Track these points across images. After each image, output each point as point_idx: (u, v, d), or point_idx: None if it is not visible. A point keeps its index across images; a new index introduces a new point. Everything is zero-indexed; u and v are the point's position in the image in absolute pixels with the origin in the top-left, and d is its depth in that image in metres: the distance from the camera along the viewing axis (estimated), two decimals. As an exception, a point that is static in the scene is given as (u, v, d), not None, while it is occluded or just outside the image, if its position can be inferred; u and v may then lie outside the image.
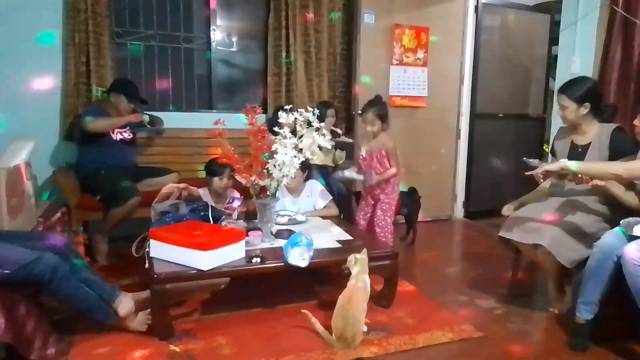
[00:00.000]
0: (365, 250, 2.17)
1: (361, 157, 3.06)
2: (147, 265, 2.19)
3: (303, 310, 2.16)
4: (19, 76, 3.28)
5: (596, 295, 2.02)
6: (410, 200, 3.67)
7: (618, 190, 2.18)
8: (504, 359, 2.01)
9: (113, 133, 3.19)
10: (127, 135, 3.27)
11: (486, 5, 4.39)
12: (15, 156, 2.37)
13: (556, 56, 3.60)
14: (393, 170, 2.93)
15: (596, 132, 2.36)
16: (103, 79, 3.43)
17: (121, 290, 2.15)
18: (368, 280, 2.12)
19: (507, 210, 2.55)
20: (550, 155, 2.27)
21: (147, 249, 2.23)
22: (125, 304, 2.08)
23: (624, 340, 2.11)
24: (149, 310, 2.11)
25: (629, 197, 2.19)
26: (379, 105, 2.94)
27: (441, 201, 4.57)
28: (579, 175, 2.12)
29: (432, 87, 4.30)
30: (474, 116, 4.54)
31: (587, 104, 2.32)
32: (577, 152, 2.33)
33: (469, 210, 4.67)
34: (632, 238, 1.92)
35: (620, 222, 2.03)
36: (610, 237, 2.00)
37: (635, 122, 2.01)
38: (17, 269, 1.80)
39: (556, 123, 3.30)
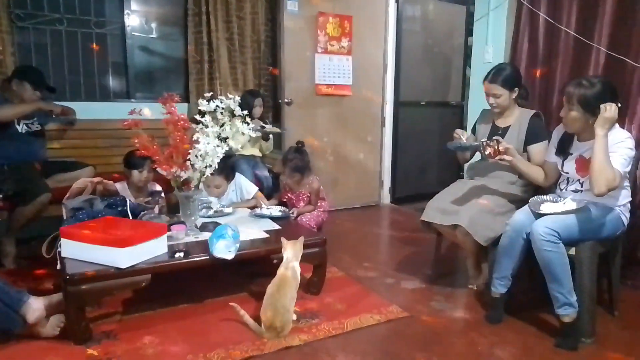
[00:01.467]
0: (301, 237, 2.16)
1: (287, 195, 3.10)
2: (59, 267, 2.03)
3: (231, 303, 2.11)
4: None
5: (509, 270, 2.16)
6: None
7: (522, 165, 2.31)
8: (429, 336, 2.10)
9: (18, 124, 2.92)
10: (34, 126, 3.01)
11: (407, -5, 4.52)
12: None
13: (472, 46, 3.79)
14: (311, 208, 3.04)
15: (517, 116, 2.50)
16: (3, 66, 3.12)
17: (30, 295, 1.98)
18: (298, 269, 2.12)
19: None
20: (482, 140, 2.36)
21: (59, 249, 2.07)
22: (34, 309, 1.92)
23: (535, 310, 2.28)
24: (61, 314, 1.96)
25: (534, 173, 2.34)
26: (296, 159, 3.00)
27: (369, 188, 4.68)
28: (491, 147, 2.24)
29: (357, 75, 4.37)
30: (398, 104, 4.68)
31: (516, 89, 2.46)
32: (497, 134, 2.44)
33: (395, 195, 4.83)
34: (539, 216, 2.06)
35: (529, 200, 2.18)
36: (521, 215, 2.14)
37: (562, 113, 2.12)
38: None
39: (473, 110, 3.48)
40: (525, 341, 2.05)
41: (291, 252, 2.12)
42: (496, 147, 2.24)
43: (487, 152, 2.26)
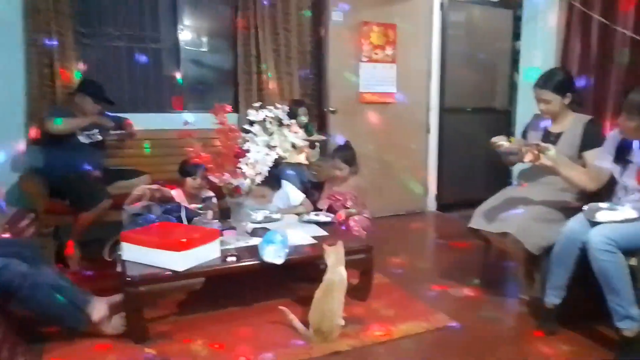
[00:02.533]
0: (340, 242, 2.18)
1: (332, 196, 3.08)
2: (119, 269, 2.16)
3: (280, 307, 2.17)
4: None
5: (563, 280, 2.10)
6: None
7: (564, 170, 2.17)
8: (479, 346, 2.07)
9: (80, 135, 3.12)
10: (95, 137, 3.20)
11: (452, 2, 4.48)
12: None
13: (519, 50, 3.71)
14: (358, 209, 2.99)
15: (570, 122, 2.42)
16: (69, 81, 3.34)
17: (93, 295, 2.11)
18: (344, 273, 2.14)
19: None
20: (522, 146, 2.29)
21: (119, 252, 2.20)
22: (98, 309, 2.04)
23: (590, 322, 2.19)
24: (123, 313, 2.08)
25: (577, 178, 2.20)
26: (345, 151, 3.02)
27: (413, 195, 4.65)
28: (531, 153, 2.14)
29: (401, 83, 4.36)
30: (442, 111, 4.63)
31: (569, 94, 2.39)
32: (550, 140, 2.38)
33: (440, 202, 4.77)
34: (594, 224, 1.99)
35: (583, 208, 2.11)
36: (575, 223, 2.08)
37: (620, 120, 2.05)
38: (-18, 278, 1.75)
39: (522, 115, 3.41)
40: (580, 355, 1.98)
41: (334, 258, 2.14)
42: (536, 152, 2.14)
43: (526, 159, 2.17)
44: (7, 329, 1.84)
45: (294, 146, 2.48)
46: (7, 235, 2.41)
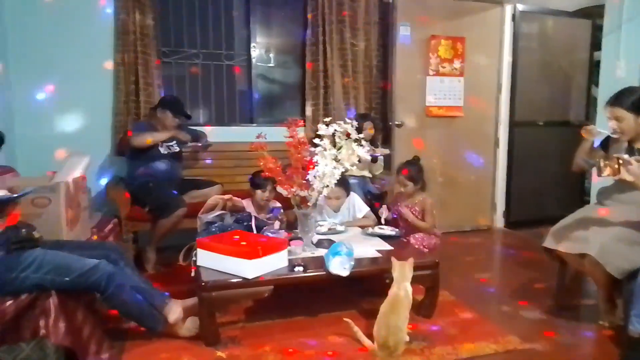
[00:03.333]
0: (411, 260, 2.17)
1: (398, 209, 3.06)
2: (193, 274, 2.27)
3: (345, 319, 2.18)
4: (76, 96, 3.51)
5: (650, 307, 1.95)
6: None
7: None
8: (552, 372, 1.97)
9: (161, 147, 3.33)
10: (174, 149, 3.41)
11: (524, 13, 4.35)
12: (73, 170, 2.52)
13: (598, 62, 3.53)
14: (424, 224, 2.94)
15: None
16: (151, 96, 3.60)
17: (171, 298, 2.23)
18: (410, 289, 2.13)
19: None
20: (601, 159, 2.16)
21: (194, 258, 2.32)
22: (174, 311, 2.16)
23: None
24: (196, 317, 2.18)
25: None
26: (411, 167, 2.99)
27: (480, 211, 4.52)
28: (610, 167, 2.01)
29: (469, 96, 4.29)
30: (512, 124, 4.48)
31: None
32: (633, 155, 2.23)
33: (509, 219, 4.59)
34: (686, 247, 1.85)
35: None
36: (663, 246, 1.93)
37: None
38: (76, 277, 1.89)
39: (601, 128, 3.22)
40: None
41: (401, 273, 2.13)
42: (616, 166, 2.00)
43: (605, 173, 2.03)
44: (95, 325, 1.99)
45: (359, 160, 2.50)
46: (95, 239, 2.63)
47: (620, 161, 2.00)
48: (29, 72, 3.39)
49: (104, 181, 3.49)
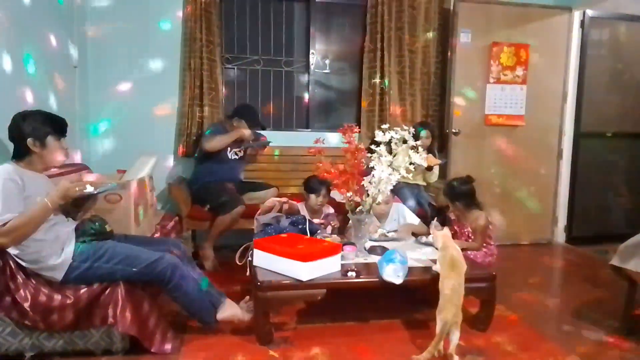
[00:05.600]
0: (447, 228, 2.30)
1: (454, 228, 2.99)
2: (248, 273, 2.35)
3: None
4: (146, 101, 3.73)
5: None
6: None
7: None
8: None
9: (229, 151, 3.45)
10: (240, 154, 3.53)
11: (594, 18, 4.16)
12: (141, 170, 2.68)
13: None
14: (471, 245, 2.84)
15: None
16: (214, 101, 3.75)
17: (226, 297, 2.29)
18: (459, 248, 2.19)
19: None
20: None
21: (250, 258, 2.39)
22: (224, 309, 2.22)
23: None
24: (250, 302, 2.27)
25: None
26: (456, 188, 2.92)
27: (540, 224, 4.33)
28: None
29: (532, 105, 4.14)
30: (578, 135, 4.28)
31: None
32: None
33: (571, 235, 4.37)
34: None
35: None
36: None
37: None
38: (143, 267, 2.02)
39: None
40: None
41: (445, 238, 2.25)
42: None
43: None
44: (159, 316, 2.10)
45: (415, 168, 2.49)
46: (158, 235, 2.77)
47: None
48: (104, 77, 3.63)
49: (167, 181, 3.67)
